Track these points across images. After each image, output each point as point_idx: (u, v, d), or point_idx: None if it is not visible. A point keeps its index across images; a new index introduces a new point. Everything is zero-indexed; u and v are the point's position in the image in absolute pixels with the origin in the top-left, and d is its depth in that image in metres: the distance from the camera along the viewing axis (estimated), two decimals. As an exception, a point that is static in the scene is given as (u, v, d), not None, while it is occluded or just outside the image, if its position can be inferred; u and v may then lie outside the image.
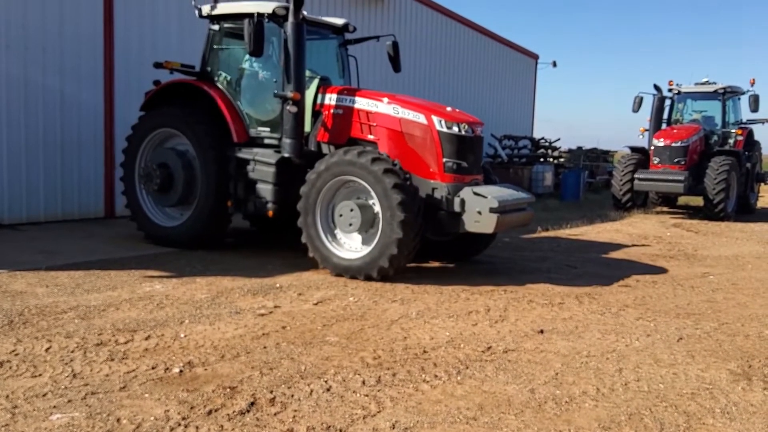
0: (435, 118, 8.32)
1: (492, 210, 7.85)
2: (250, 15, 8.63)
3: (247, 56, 9.42)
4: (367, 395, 4.47)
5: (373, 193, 7.97)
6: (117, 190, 12.37)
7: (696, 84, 19.77)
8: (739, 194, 18.40)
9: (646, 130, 19.42)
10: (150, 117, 9.95)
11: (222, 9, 9.55)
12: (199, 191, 9.41)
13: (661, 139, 17.96)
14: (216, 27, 9.70)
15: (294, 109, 8.57)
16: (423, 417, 4.16)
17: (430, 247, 9.14)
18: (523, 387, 4.76)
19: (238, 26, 9.36)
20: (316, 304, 6.89)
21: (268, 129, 9.31)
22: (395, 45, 10.00)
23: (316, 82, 9.15)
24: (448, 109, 8.68)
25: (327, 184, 8.25)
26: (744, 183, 18.78)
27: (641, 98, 19.15)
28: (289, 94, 8.54)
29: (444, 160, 8.27)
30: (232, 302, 6.77)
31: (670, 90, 19.67)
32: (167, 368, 4.80)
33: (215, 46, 9.76)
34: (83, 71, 11.79)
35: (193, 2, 9.90)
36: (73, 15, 11.54)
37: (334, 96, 8.96)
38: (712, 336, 6.33)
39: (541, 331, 6.21)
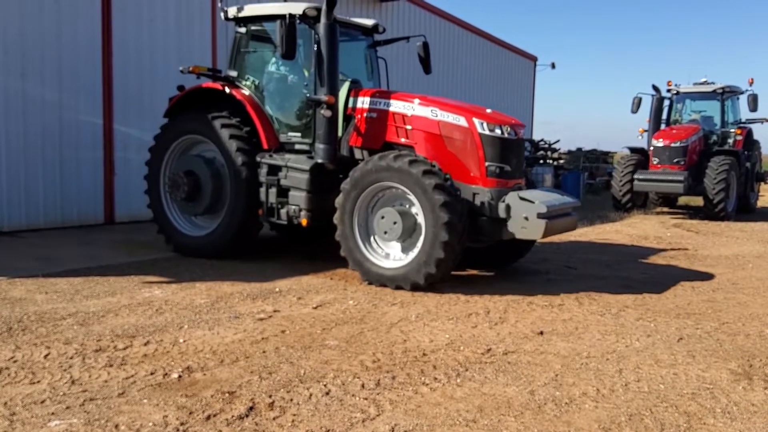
0: (476, 121, 8.02)
1: (540, 216, 7.57)
2: (281, 17, 8.28)
3: (274, 59, 9.25)
4: (366, 398, 4.46)
5: (413, 198, 7.69)
6: (116, 196, 12.45)
7: (694, 84, 19.80)
8: (739, 194, 18.41)
9: (645, 130, 19.43)
10: (175, 124, 9.68)
11: (249, 11, 9.28)
12: (229, 199, 9.12)
13: (661, 140, 17.97)
14: (243, 30, 9.44)
15: (328, 113, 8.30)
16: (422, 420, 4.14)
17: (467, 255, 8.60)
18: (522, 389, 4.74)
19: (266, 29, 9.22)
20: (315, 307, 6.88)
21: (298, 134, 9.04)
22: (426, 46, 9.73)
23: (346, 85, 8.86)
24: (488, 110, 8.38)
25: (364, 192, 7.97)
26: (744, 182, 18.78)
27: (640, 99, 19.17)
28: (323, 97, 8.25)
29: (486, 164, 7.96)
30: (232, 307, 6.76)
31: (668, 90, 19.70)
32: (166, 374, 4.79)
33: (242, 50, 9.50)
34: (81, 77, 11.79)
35: (220, 4, 9.70)
36: (71, 22, 11.56)
37: (367, 99, 8.69)
38: (712, 336, 6.31)
39: (541, 333, 6.19)
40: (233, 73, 9.47)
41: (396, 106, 8.49)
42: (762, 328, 6.67)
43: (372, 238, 8.13)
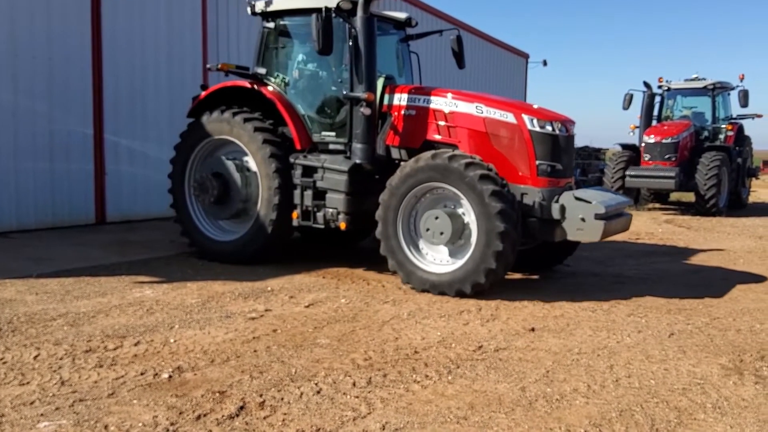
0: (526, 117, 7.69)
1: (598, 216, 7.24)
2: (316, 10, 7.98)
3: (302, 55, 9.03)
4: (357, 397, 4.45)
5: (465, 201, 7.36)
6: (107, 196, 12.39)
7: (685, 80, 19.86)
8: (730, 189, 18.49)
9: (637, 127, 19.50)
10: (200, 124, 9.23)
11: (279, 5, 8.91)
12: (260, 203, 8.74)
13: (652, 136, 18.05)
14: (271, 25, 9.04)
15: (368, 111, 7.99)
16: (413, 417, 4.14)
17: None
18: (514, 385, 4.75)
19: (296, 23, 8.94)
20: (307, 306, 6.87)
21: (333, 133, 8.69)
22: (459, 39, 9.42)
23: (381, 81, 8.49)
24: (535, 106, 8.04)
25: (411, 191, 7.63)
26: (735, 178, 18.87)
27: (631, 95, 19.23)
28: (363, 95, 7.96)
29: (537, 162, 7.61)
30: (223, 306, 6.74)
31: (659, 87, 19.77)
32: (156, 374, 4.77)
33: (270, 46, 9.13)
34: (71, 76, 11.71)
35: None
36: (61, 20, 11.47)
37: (405, 96, 8.36)
38: (703, 331, 6.33)
39: (533, 329, 6.20)
40: (261, 71, 9.08)
41: (437, 102, 8.16)
42: (753, 323, 6.69)
43: (416, 240, 7.81)
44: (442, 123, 8.13)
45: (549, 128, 7.72)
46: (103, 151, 12.31)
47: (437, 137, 8.16)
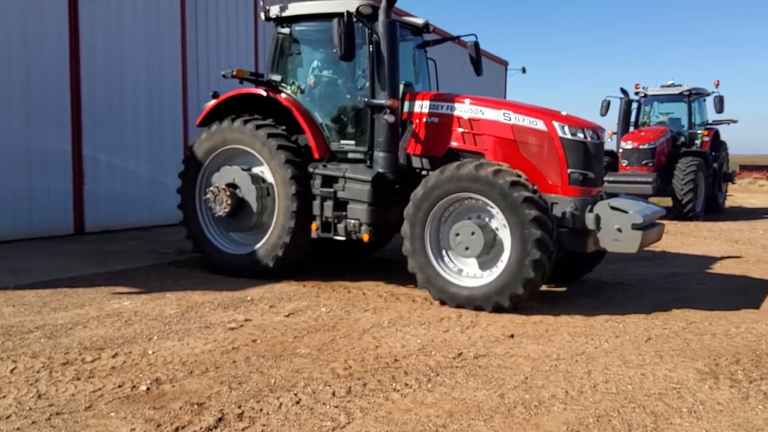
0: (557, 124, 7.49)
1: (635, 226, 7.05)
2: (336, 15, 7.82)
3: (317, 62, 8.89)
4: (336, 407, 4.46)
5: (496, 211, 7.17)
6: (86, 206, 12.28)
7: (662, 86, 20.09)
8: (707, 194, 18.73)
9: (614, 133, 19.70)
10: (210, 134, 8.93)
11: (295, 10, 8.72)
12: (276, 212, 8.49)
13: (629, 142, 18.26)
14: (286, 30, 8.83)
15: (392, 118, 7.77)
16: (393, 426, 4.15)
17: None
18: (492, 392, 4.77)
19: (312, 29, 8.80)
20: (287, 315, 6.86)
21: (352, 142, 8.47)
22: (477, 45, 9.27)
23: (400, 88, 8.28)
24: (564, 113, 7.80)
25: (438, 203, 7.38)
26: (712, 183, 19.12)
27: (608, 102, 19.39)
28: (387, 102, 7.77)
29: (569, 171, 7.44)
30: (202, 317, 6.71)
31: (636, 93, 20.00)
32: (134, 386, 4.74)
33: (285, 52, 8.91)
34: (48, 84, 11.61)
35: (261, 3, 9.14)
36: (38, 24, 11.39)
37: (426, 102, 8.17)
38: (680, 335, 6.40)
39: (512, 336, 6.24)
40: (276, 78, 8.85)
41: (461, 109, 7.96)
42: (728, 327, 6.77)
43: (444, 254, 7.56)
44: (466, 130, 7.93)
45: (581, 135, 7.56)
46: (82, 158, 12.19)
47: (462, 145, 7.96)
